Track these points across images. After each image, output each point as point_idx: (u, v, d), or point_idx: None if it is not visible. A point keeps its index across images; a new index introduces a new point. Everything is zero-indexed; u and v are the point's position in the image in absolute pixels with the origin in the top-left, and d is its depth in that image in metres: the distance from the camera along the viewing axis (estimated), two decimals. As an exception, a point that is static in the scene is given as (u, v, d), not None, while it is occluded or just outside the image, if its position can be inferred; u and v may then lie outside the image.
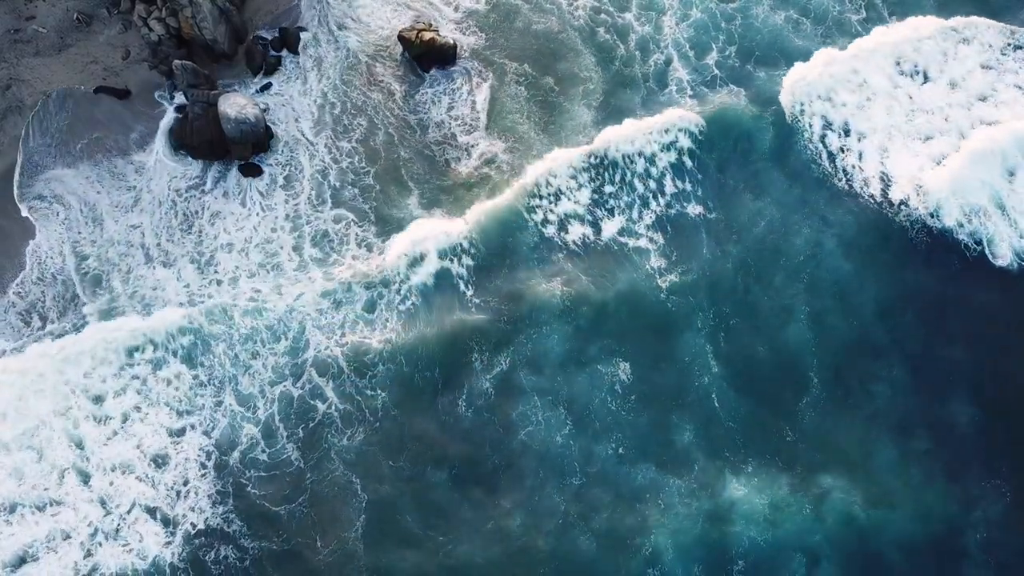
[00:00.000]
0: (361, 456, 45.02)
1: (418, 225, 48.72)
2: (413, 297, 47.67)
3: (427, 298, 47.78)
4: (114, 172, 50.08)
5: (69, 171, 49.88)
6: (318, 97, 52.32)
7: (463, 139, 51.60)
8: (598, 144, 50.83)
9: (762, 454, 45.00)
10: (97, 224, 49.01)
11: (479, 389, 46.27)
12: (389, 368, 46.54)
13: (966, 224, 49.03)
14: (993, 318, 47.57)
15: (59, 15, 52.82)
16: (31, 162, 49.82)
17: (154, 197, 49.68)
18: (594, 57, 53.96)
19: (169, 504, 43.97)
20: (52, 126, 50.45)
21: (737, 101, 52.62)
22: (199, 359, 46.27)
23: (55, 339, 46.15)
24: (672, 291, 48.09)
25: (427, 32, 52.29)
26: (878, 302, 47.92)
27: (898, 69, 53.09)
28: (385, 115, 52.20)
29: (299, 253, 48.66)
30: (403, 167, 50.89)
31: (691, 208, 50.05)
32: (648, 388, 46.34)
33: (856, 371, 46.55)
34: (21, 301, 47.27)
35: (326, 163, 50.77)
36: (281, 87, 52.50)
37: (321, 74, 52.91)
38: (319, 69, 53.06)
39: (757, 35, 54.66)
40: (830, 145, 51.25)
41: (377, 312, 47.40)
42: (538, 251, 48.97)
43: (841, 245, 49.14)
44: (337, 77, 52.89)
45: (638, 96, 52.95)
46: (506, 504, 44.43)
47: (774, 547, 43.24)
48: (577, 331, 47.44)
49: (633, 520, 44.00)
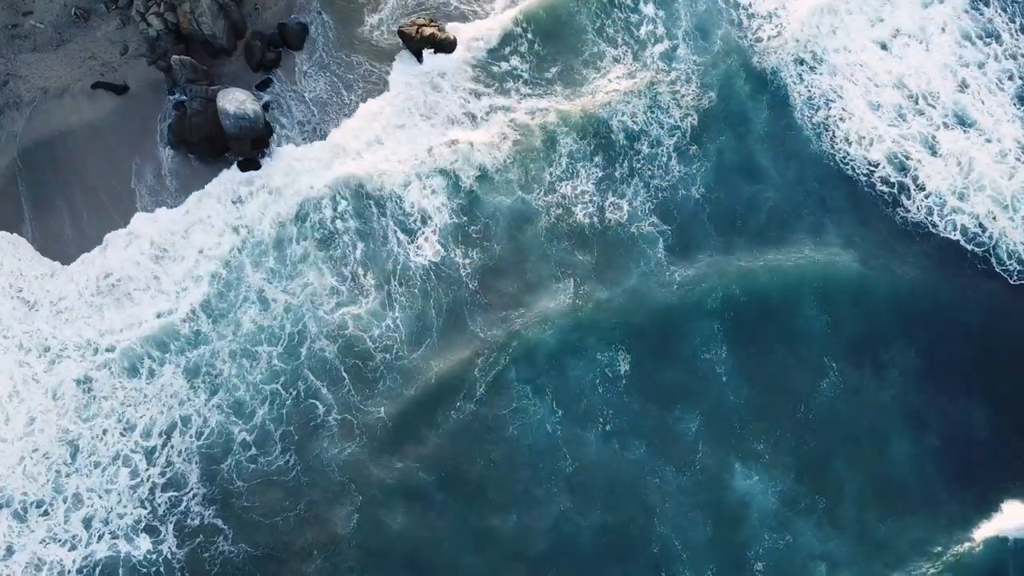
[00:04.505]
0: (355, 457, 44.83)
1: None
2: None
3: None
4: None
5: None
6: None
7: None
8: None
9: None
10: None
11: (478, 388, 46.12)
12: (389, 368, 46.43)
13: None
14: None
15: (57, 10, 52.43)
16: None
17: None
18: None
19: (161, 502, 44.07)
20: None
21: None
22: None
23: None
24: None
25: (428, 27, 51.93)
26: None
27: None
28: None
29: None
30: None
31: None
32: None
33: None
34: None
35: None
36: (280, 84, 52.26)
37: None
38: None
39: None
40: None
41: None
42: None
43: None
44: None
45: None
46: (506, 504, 44.24)
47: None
48: (577, 324, 47.27)
49: (639, 513, 43.87)
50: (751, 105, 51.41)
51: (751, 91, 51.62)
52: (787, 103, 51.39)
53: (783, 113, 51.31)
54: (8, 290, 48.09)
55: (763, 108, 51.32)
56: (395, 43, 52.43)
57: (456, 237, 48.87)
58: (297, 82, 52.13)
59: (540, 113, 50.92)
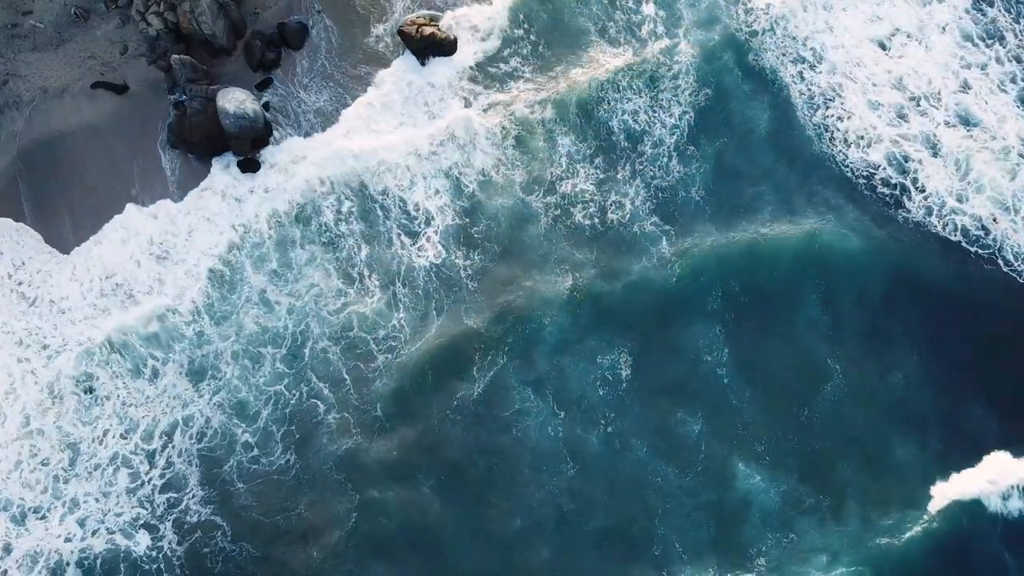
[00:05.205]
0: (353, 457, 44.91)
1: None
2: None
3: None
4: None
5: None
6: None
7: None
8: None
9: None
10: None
11: (478, 386, 46.19)
12: (388, 368, 46.43)
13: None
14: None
15: (56, 10, 52.28)
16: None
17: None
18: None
19: (160, 501, 44.40)
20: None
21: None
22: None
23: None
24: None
25: (428, 27, 51.83)
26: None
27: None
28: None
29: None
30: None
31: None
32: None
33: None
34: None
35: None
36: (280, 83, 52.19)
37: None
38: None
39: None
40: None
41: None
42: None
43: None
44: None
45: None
46: (505, 505, 44.29)
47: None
48: (576, 322, 47.26)
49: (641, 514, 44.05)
50: (749, 100, 51.61)
51: (750, 89, 51.76)
52: (788, 100, 51.54)
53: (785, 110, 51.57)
54: (7, 281, 48.30)
55: (765, 107, 51.43)
56: (397, 46, 52.34)
57: (458, 238, 48.83)
58: (297, 82, 52.06)
59: (540, 108, 50.84)
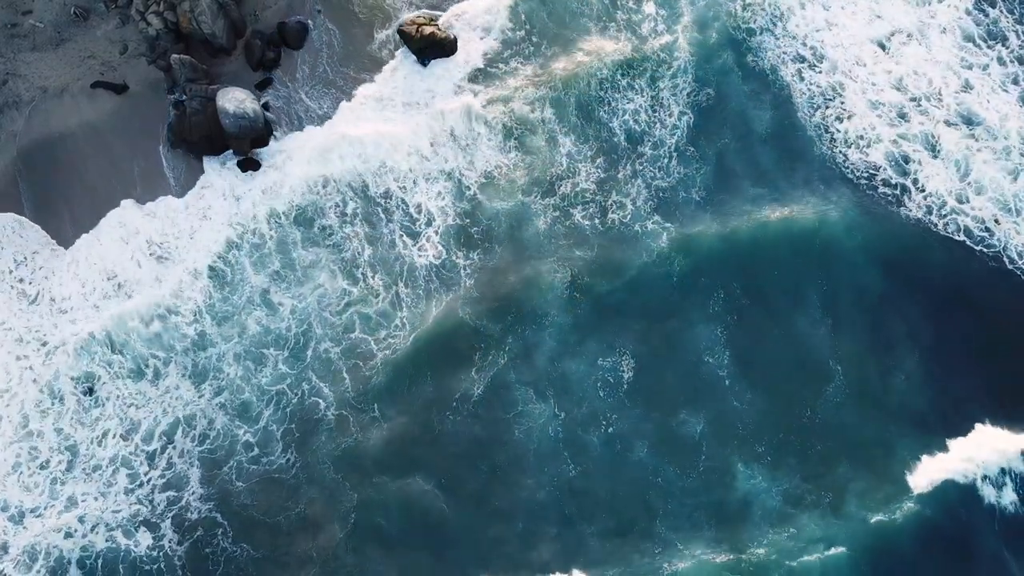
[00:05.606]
0: (353, 457, 44.95)
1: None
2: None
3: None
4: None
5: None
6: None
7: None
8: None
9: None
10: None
11: (478, 386, 46.26)
12: (388, 367, 46.48)
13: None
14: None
15: (56, 9, 52.22)
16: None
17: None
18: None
19: (160, 500, 44.50)
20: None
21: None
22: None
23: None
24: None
25: (428, 26, 51.75)
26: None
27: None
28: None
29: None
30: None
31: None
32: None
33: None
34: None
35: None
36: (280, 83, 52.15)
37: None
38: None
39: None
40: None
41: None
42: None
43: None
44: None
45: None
46: (505, 505, 44.36)
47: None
48: (577, 322, 47.25)
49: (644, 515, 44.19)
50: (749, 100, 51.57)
51: (750, 89, 51.71)
52: (789, 100, 51.49)
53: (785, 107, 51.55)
54: (8, 276, 48.46)
55: (765, 107, 51.39)
56: (397, 45, 52.31)
57: (459, 238, 48.80)
58: (297, 82, 52.01)
59: (540, 107, 50.81)
